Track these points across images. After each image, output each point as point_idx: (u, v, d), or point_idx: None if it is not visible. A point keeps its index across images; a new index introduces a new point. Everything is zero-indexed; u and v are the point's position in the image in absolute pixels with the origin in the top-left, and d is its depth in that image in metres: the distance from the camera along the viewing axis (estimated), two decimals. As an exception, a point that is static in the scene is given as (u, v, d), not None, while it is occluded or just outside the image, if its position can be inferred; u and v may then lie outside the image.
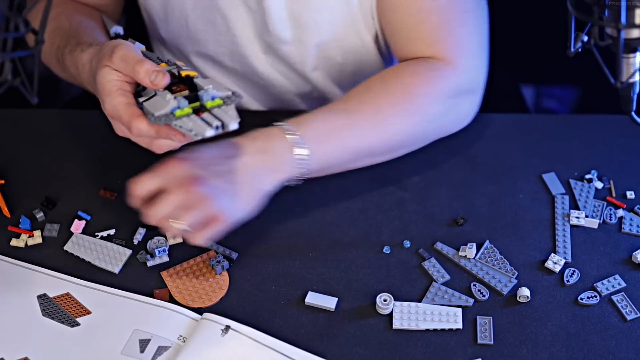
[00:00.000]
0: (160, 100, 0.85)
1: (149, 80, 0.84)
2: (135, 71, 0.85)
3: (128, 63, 0.85)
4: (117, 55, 0.86)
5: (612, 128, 1.13)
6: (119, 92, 0.86)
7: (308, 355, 0.86)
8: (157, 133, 0.85)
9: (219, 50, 1.15)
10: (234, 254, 0.97)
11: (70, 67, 0.99)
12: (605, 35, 0.78)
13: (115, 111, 0.86)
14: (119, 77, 0.86)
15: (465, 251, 0.96)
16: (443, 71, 1.03)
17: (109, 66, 0.86)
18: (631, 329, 0.90)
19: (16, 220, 1.00)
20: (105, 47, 0.89)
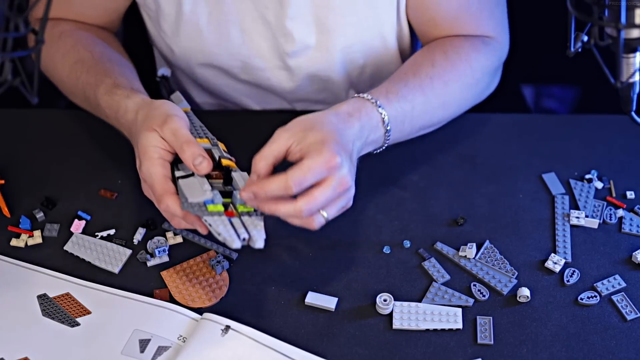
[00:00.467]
0: (197, 186, 0.87)
1: (192, 163, 0.87)
2: (182, 150, 0.87)
3: (177, 139, 0.87)
4: (168, 127, 0.88)
5: (612, 128, 1.13)
6: (159, 161, 0.88)
7: (308, 355, 0.86)
8: (184, 217, 0.87)
9: (231, 63, 1.15)
10: (234, 254, 0.97)
11: (107, 109, 0.99)
12: (605, 35, 0.78)
13: (150, 179, 0.88)
14: (163, 146, 0.89)
15: (465, 251, 0.96)
16: (493, 46, 1.10)
17: (157, 132, 0.88)
18: (631, 329, 0.90)
19: (16, 220, 1.00)
20: (157, 109, 0.91)
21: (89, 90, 1.02)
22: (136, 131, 0.91)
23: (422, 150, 1.08)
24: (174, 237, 0.99)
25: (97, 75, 1.02)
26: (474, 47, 1.08)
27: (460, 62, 1.06)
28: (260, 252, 0.97)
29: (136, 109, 0.94)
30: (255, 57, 1.13)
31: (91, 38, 1.10)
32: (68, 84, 1.07)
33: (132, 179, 1.05)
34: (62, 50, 1.07)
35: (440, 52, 1.06)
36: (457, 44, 1.08)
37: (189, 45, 1.14)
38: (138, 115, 0.93)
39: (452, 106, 1.07)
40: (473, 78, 1.07)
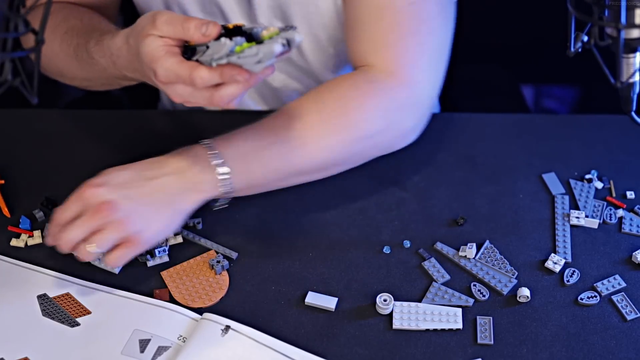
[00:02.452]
0: (215, 47, 0.82)
1: (200, 33, 0.82)
2: (184, 28, 0.83)
3: (175, 24, 0.83)
4: (161, 21, 0.84)
5: (612, 128, 1.13)
6: (168, 54, 0.84)
7: (308, 355, 0.86)
8: (220, 76, 0.82)
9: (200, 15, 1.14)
10: (234, 254, 0.97)
11: (101, 58, 0.96)
12: (605, 35, 0.78)
13: (170, 72, 0.83)
14: (165, 42, 0.84)
15: (465, 251, 0.96)
16: (384, 84, 0.99)
17: (153, 34, 0.84)
18: (631, 329, 0.90)
19: (16, 220, 1.00)
20: (141, 20, 0.87)
21: (80, 50, 0.99)
22: (135, 53, 0.88)
23: (422, 150, 1.08)
24: (174, 237, 0.98)
25: (87, 34, 0.99)
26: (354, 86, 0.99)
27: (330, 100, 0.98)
28: (260, 252, 0.97)
29: (125, 40, 0.91)
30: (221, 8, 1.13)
31: (81, 10, 1.08)
32: (60, 55, 1.03)
33: (132, 179, 1.05)
34: (51, 25, 1.04)
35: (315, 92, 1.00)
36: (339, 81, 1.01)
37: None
38: (129, 42, 0.89)
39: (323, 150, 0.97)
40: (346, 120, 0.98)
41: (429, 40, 1.01)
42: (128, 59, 0.91)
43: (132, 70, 0.93)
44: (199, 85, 0.83)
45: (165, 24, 0.84)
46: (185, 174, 0.92)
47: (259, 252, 0.97)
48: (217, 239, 0.98)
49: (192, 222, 1.00)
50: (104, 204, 0.88)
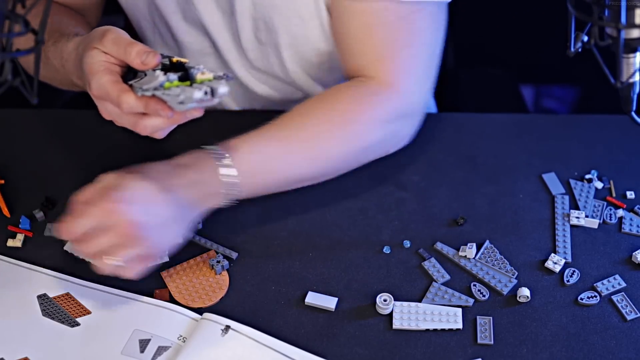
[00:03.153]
0: (149, 78, 0.84)
1: (139, 60, 0.83)
2: (127, 52, 0.84)
3: (120, 45, 0.84)
4: (108, 38, 0.85)
5: (612, 128, 1.13)
6: (106, 71, 0.85)
7: (308, 355, 0.86)
8: (145, 107, 0.83)
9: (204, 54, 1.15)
10: (234, 254, 0.97)
11: (54, 59, 0.97)
12: (605, 35, 0.78)
13: (102, 89, 0.85)
14: (107, 59, 0.85)
15: (465, 251, 0.96)
16: (382, 95, 1.00)
17: (98, 48, 0.85)
18: (631, 329, 0.90)
19: (16, 220, 1.00)
20: (94, 32, 0.88)
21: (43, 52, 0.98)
22: (80, 62, 0.88)
23: (422, 150, 1.08)
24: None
25: (48, 34, 0.98)
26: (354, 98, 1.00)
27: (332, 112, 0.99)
28: (260, 252, 0.97)
29: (75, 47, 0.91)
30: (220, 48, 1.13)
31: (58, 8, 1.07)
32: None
33: (132, 179, 1.05)
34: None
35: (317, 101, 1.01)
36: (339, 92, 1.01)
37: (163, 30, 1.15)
38: (78, 50, 0.90)
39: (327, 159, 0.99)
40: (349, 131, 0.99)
41: (421, 50, 1.02)
42: (75, 65, 0.92)
43: (77, 77, 0.93)
44: (124, 109, 0.84)
45: (111, 42, 0.85)
46: (199, 186, 0.92)
47: (259, 252, 0.97)
48: (217, 239, 0.98)
49: (192, 222, 1.00)
50: (128, 224, 0.85)
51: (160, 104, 0.83)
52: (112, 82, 0.84)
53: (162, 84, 0.82)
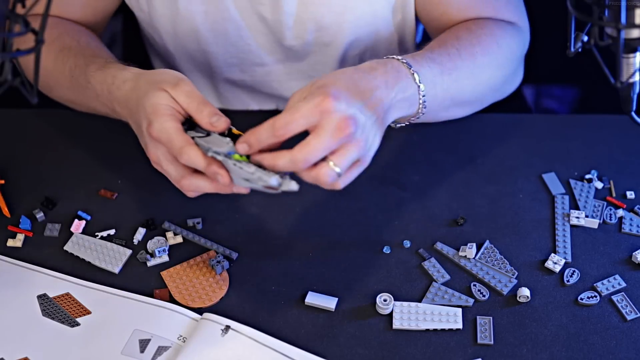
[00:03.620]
0: (216, 140, 0.85)
1: (209, 120, 0.84)
2: (198, 109, 0.85)
3: (192, 100, 0.85)
4: (182, 89, 0.86)
5: (612, 128, 1.13)
6: (171, 117, 0.85)
7: (308, 355, 0.86)
8: (206, 166, 0.83)
9: (229, 61, 1.15)
10: (234, 254, 0.97)
11: (98, 84, 0.96)
12: (605, 35, 0.78)
13: (164, 134, 0.84)
14: (175, 106, 0.86)
15: (465, 251, 0.96)
16: (518, 31, 1.09)
17: (168, 92, 0.86)
18: (631, 329, 0.90)
19: (16, 220, 1.00)
20: (164, 73, 0.89)
21: (77, 71, 1.00)
22: (139, 96, 0.88)
23: (422, 150, 1.08)
24: (174, 237, 0.98)
25: (86, 57, 1.00)
26: (499, 26, 1.06)
27: (485, 36, 1.03)
28: (260, 252, 0.97)
29: (135, 78, 0.92)
30: (253, 52, 1.13)
31: (77, 28, 1.08)
32: (52, 71, 1.04)
33: (132, 179, 1.05)
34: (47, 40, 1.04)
35: (464, 29, 1.05)
36: (481, 23, 1.06)
37: (186, 45, 1.14)
38: (139, 82, 0.90)
39: (481, 81, 1.03)
40: (500, 55, 1.04)
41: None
42: (127, 95, 0.92)
43: (123, 107, 0.93)
44: (183, 161, 0.84)
45: (184, 94, 0.85)
46: (394, 88, 0.88)
47: (259, 252, 0.97)
48: (217, 239, 0.98)
49: (192, 222, 1.00)
50: (347, 119, 0.79)
51: (222, 170, 0.83)
52: (177, 130, 0.84)
53: (231, 153, 0.82)
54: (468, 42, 1.01)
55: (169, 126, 0.84)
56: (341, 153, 0.80)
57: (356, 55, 1.15)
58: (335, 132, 0.79)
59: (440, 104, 0.97)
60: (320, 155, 0.80)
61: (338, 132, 0.79)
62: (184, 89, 0.86)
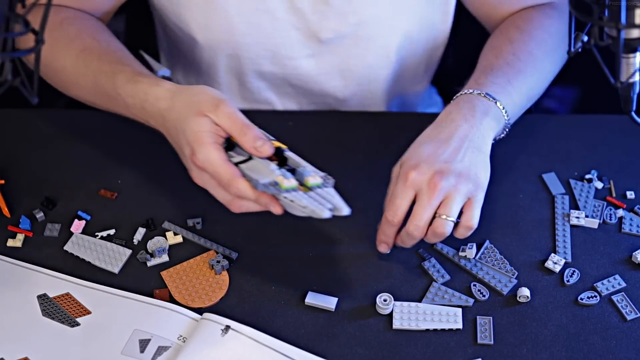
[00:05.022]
0: (261, 167, 0.85)
1: (254, 145, 0.85)
2: (242, 133, 0.85)
3: (235, 123, 0.85)
4: (223, 111, 0.86)
5: (612, 128, 1.13)
6: (215, 145, 0.85)
7: (308, 355, 0.86)
8: (257, 199, 0.85)
9: (260, 53, 1.15)
10: (234, 254, 0.97)
11: (129, 98, 0.96)
12: (605, 35, 0.78)
13: (210, 164, 0.85)
14: (216, 131, 0.86)
15: (465, 251, 0.96)
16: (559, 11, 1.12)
17: (209, 117, 0.86)
18: (631, 329, 0.90)
19: (16, 220, 1.00)
20: (201, 94, 0.88)
21: (104, 78, 0.99)
22: (178, 119, 0.88)
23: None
24: (174, 237, 0.98)
25: (112, 64, 0.99)
26: (544, 14, 1.10)
27: (535, 30, 1.08)
28: (260, 252, 0.97)
29: (169, 96, 0.91)
30: (285, 45, 1.13)
31: (94, 26, 1.07)
32: (73, 72, 1.03)
33: (132, 179, 1.05)
34: (64, 38, 1.04)
35: (513, 28, 1.09)
36: (527, 16, 1.10)
37: (217, 36, 1.12)
38: (174, 102, 0.90)
39: (544, 71, 1.08)
40: (553, 42, 1.08)
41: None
42: (162, 114, 0.92)
43: (160, 124, 0.93)
44: (231, 192, 0.86)
45: (226, 117, 0.86)
46: (474, 117, 0.95)
47: (259, 252, 0.97)
48: (217, 239, 0.98)
49: (192, 222, 1.00)
50: (433, 177, 0.89)
51: (272, 200, 0.85)
52: (222, 162, 0.85)
53: (276, 182, 0.83)
54: (521, 42, 1.06)
55: (214, 157, 0.85)
56: (444, 203, 0.89)
57: (392, 48, 1.15)
58: (429, 193, 0.89)
59: (520, 106, 1.04)
60: (427, 216, 0.89)
61: (431, 191, 0.89)
62: (225, 111, 0.86)
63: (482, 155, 0.94)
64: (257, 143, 0.85)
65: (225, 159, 0.85)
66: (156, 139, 1.09)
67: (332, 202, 0.83)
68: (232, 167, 0.85)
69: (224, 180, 0.85)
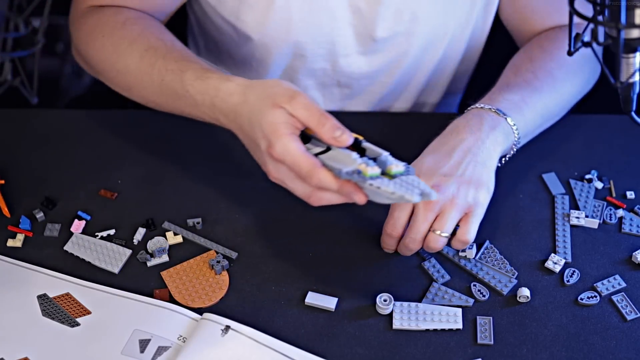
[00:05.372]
0: (342, 157, 0.83)
1: (332, 135, 0.83)
2: (320, 123, 0.83)
3: (312, 113, 0.83)
4: (299, 102, 0.83)
5: (612, 128, 1.13)
6: (292, 136, 0.83)
7: (308, 355, 0.86)
8: (339, 188, 0.82)
9: (316, 51, 1.15)
10: (234, 254, 0.97)
11: (198, 95, 0.93)
12: (605, 35, 0.78)
13: (288, 156, 0.83)
14: (293, 122, 0.84)
15: (465, 251, 0.96)
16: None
17: (285, 108, 0.84)
18: (631, 329, 0.90)
19: (16, 220, 1.00)
20: (276, 86, 0.86)
21: (171, 76, 0.97)
22: (251, 112, 0.87)
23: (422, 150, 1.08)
24: (174, 237, 0.98)
25: (178, 62, 0.97)
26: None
27: (558, 50, 1.07)
28: (260, 252, 0.97)
29: (242, 90, 0.89)
30: (340, 43, 1.14)
31: (157, 26, 1.06)
32: (137, 72, 1.01)
33: (132, 179, 1.05)
34: (128, 38, 1.03)
35: (537, 47, 1.10)
36: (553, 36, 1.11)
37: (274, 34, 1.12)
38: (248, 96, 0.88)
39: (564, 92, 1.08)
40: (576, 64, 1.08)
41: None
42: (235, 108, 0.90)
43: (231, 120, 0.91)
44: (312, 184, 0.83)
45: (302, 108, 0.83)
46: (480, 130, 0.96)
47: (259, 252, 0.97)
48: (217, 239, 0.98)
49: (192, 222, 1.00)
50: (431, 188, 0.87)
51: (356, 189, 0.82)
52: (301, 152, 0.83)
53: (359, 171, 0.81)
54: (542, 61, 1.07)
55: (293, 147, 0.82)
56: (439, 218, 0.91)
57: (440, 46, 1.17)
58: (425, 207, 0.91)
59: (534, 124, 1.04)
60: (423, 229, 0.91)
61: (426, 205, 0.90)
62: (302, 101, 0.84)
63: (485, 170, 0.94)
64: (336, 133, 0.83)
65: (304, 149, 0.83)
66: (157, 139, 1.09)
67: (419, 188, 0.81)
68: (312, 157, 0.83)
69: (304, 170, 0.82)
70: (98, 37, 1.04)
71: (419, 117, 1.22)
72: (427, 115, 1.27)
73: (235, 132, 0.91)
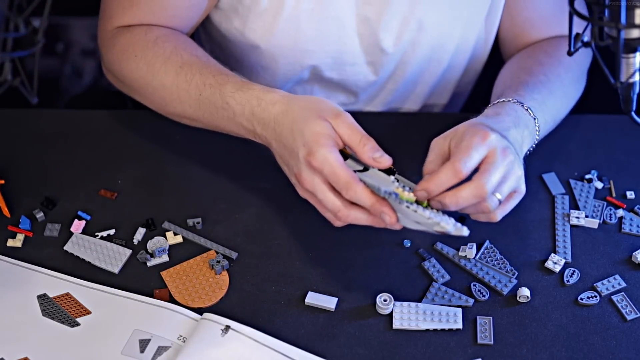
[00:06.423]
0: (380, 177, 0.85)
1: (372, 156, 0.85)
2: (361, 143, 0.85)
3: (354, 133, 0.85)
4: (344, 120, 0.86)
5: (612, 128, 1.13)
6: (334, 149, 0.85)
7: (308, 355, 0.86)
8: (372, 205, 0.83)
9: (324, 60, 1.15)
10: (234, 254, 0.97)
11: (238, 105, 0.94)
12: (605, 35, 0.78)
13: (327, 166, 0.84)
14: (335, 137, 0.86)
15: (465, 251, 0.96)
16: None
17: (330, 123, 0.86)
18: (631, 329, 0.90)
19: (16, 220, 1.00)
20: (321, 102, 0.89)
21: (209, 90, 0.98)
22: (294, 120, 0.88)
23: (422, 150, 1.08)
24: (174, 237, 0.98)
25: (216, 76, 0.98)
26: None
27: (563, 57, 1.08)
28: (260, 252, 0.97)
29: (285, 101, 0.91)
30: (347, 52, 1.14)
31: (188, 42, 1.07)
32: (173, 88, 1.01)
33: (132, 179, 1.05)
34: (161, 56, 1.03)
35: (542, 52, 1.10)
36: (554, 44, 1.12)
37: (282, 42, 1.12)
38: (291, 106, 0.89)
39: (570, 96, 1.09)
40: (578, 69, 1.10)
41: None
42: (275, 117, 0.91)
43: (270, 129, 0.92)
44: (347, 196, 0.84)
45: (346, 126, 0.86)
46: (519, 126, 0.94)
47: (259, 252, 0.97)
48: (217, 239, 0.98)
49: (192, 222, 1.00)
50: (506, 148, 0.87)
51: (389, 210, 0.83)
52: (341, 164, 0.84)
53: (397, 194, 0.82)
54: (551, 65, 1.07)
55: (333, 158, 0.84)
56: (506, 183, 0.86)
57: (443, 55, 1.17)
58: (502, 159, 0.86)
59: (548, 127, 1.04)
60: (498, 181, 0.85)
61: (504, 158, 0.86)
62: (346, 120, 0.86)
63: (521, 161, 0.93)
64: (376, 154, 0.85)
65: (342, 162, 0.84)
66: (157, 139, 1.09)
67: (453, 221, 0.83)
68: (351, 172, 0.84)
69: (342, 181, 0.83)
70: (131, 57, 1.04)
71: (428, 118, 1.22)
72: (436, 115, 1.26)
73: (270, 143, 0.93)
